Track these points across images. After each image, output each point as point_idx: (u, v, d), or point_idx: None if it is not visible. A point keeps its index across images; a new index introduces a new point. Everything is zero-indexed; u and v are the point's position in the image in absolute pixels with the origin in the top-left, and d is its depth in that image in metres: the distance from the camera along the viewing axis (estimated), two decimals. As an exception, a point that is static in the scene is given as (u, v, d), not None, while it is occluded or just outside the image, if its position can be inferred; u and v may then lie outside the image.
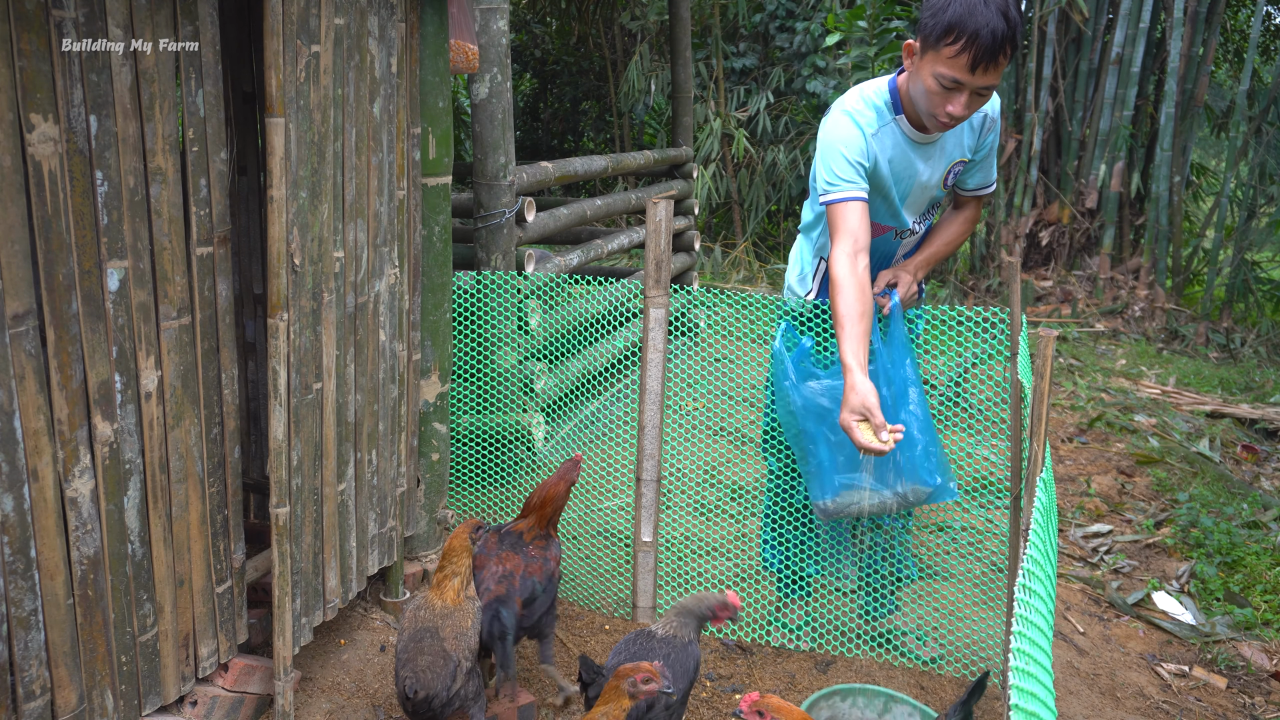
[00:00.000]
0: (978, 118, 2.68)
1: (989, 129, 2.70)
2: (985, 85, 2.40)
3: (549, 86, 12.92)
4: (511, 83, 4.09)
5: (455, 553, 2.48)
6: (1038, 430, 2.18)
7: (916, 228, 2.84)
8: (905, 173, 2.65)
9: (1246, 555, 3.88)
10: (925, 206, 2.81)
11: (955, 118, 2.47)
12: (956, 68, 2.38)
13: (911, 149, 2.62)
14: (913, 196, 2.74)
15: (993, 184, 2.84)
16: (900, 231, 2.80)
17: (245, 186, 2.93)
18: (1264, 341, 7.42)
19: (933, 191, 2.75)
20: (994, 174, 2.83)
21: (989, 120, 2.69)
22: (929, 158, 2.65)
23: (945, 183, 2.74)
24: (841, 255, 2.55)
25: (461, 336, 3.85)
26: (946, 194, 2.84)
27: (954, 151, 2.68)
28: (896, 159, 2.62)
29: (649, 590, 3.17)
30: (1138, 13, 7.89)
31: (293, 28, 2.21)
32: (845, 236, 2.55)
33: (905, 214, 2.76)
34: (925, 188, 2.71)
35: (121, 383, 1.98)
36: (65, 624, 1.92)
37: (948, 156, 2.68)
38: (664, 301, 3.05)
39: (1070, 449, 5.12)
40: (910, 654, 3.05)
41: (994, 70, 2.38)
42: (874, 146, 2.59)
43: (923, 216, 2.84)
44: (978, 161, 2.77)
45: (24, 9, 1.70)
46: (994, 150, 2.77)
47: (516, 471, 4.03)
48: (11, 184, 1.72)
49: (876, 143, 2.60)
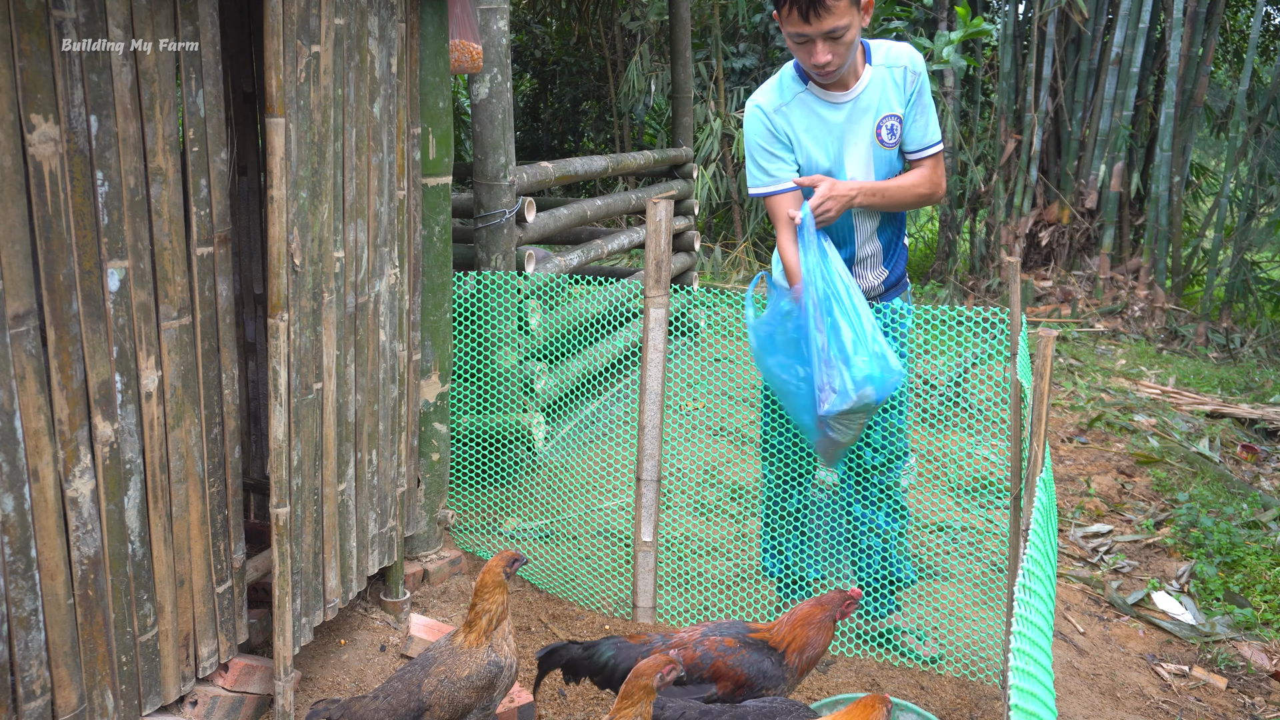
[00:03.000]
0: (899, 72, 2.76)
1: (913, 81, 2.77)
2: (829, 29, 2.53)
3: (549, 86, 12.92)
4: (511, 83, 4.09)
5: (487, 589, 2.25)
6: (1038, 430, 2.18)
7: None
8: (828, 135, 2.75)
9: (1246, 555, 3.88)
10: (872, 170, 2.80)
11: (823, 65, 2.59)
12: (794, 23, 2.56)
13: (827, 108, 2.73)
14: (850, 159, 2.77)
15: (937, 142, 2.86)
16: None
17: (245, 186, 2.93)
18: (1264, 341, 7.42)
19: (868, 149, 2.77)
20: (935, 132, 2.84)
21: (909, 73, 2.77)
22: (848, 114, 2.73)
23: (879, 138, 2.76)
24: (788, 243, 2.74)
25: (461, 336, 3.85)
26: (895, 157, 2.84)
27: (880, 105, 2.74)
28: (813, 125, 2.74)
29: (649, 590, 3.17)
30: (1137, 13, 7.89)
31: (293, 28, 2.21)
32: (785, 225, 2.76)
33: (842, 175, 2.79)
34: (858, 145, 2.76)
35: (122, 383, 1.98)
36: (65, 624, 1.92)
37: (874, 110, 2.74)
38: (664, 301, 3.05)
39: (1070, 449, 5.12)
40: (910, 653, 3.05)
41: (828, 15, 2.51)
42: (780, 122, 2.74)
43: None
44: (910, 115, 2.80)
45: (24, 9, 1.70)
46: (927, 106, 2.81)
47: (516, 471, 4.03)
48: (12, 184, 1.72)
49: (782, 117, 2.74)
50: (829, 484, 3.40)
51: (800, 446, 3.09)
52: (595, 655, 2.38)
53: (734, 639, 2.36)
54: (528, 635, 3.10)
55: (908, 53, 2.79)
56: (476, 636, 2.23)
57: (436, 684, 2.18)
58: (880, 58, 2.76)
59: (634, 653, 2.36)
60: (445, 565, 3.29)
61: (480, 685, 2.22)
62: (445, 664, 2.21)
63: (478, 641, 2.23)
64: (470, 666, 2.21)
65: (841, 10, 2.50)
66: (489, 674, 2.22)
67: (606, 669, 2.38)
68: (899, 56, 2.77)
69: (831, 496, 3.39)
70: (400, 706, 2.16)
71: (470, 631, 2.24)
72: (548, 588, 3.39)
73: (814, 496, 3.46)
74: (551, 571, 3.45)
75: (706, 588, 3.41)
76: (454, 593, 3.25)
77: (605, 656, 2.38)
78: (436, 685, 2.18)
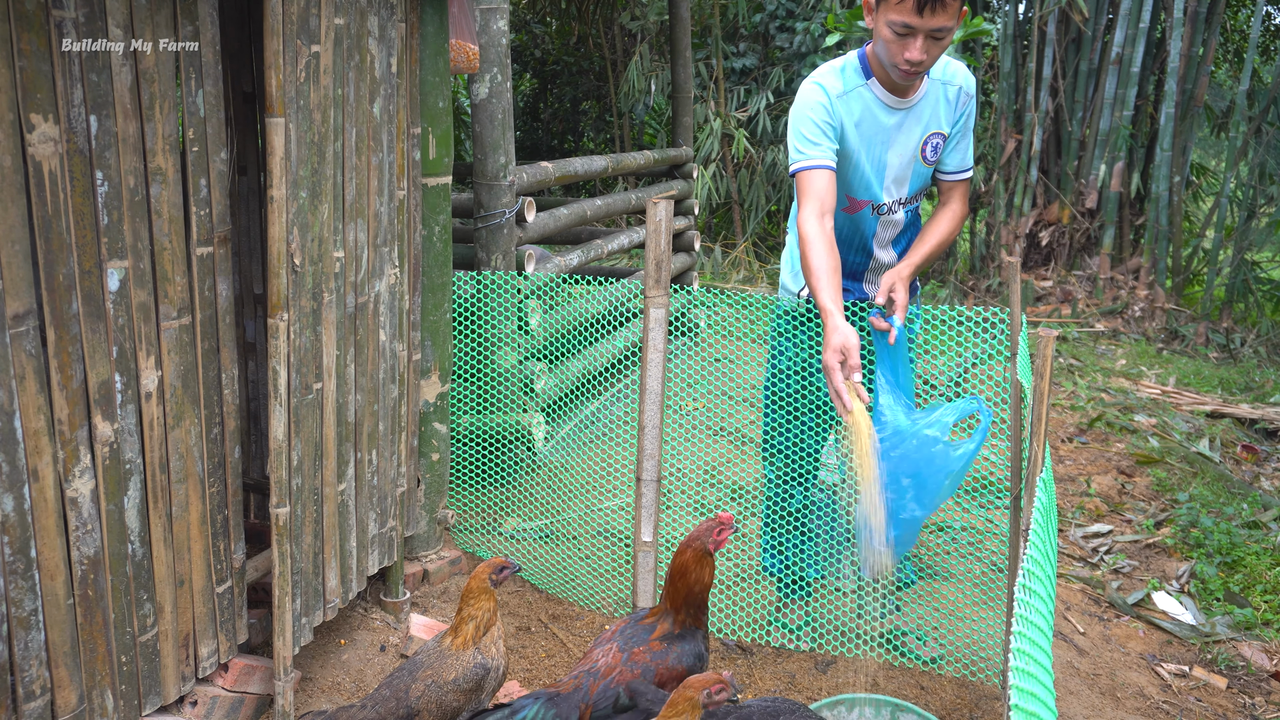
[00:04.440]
0: (953, 91, 2.71)
1: (964, 103, 2.73)
2: (937, 27, 2.44)
3: (549, 86, 12.92)
4: (511, 83, 4.09)
5: (473, 594, 2.27)
6: (1038, 430, 2.18)
7: (898, 208, 2.80)
8: (876, 136, 2.67)
9: (1246, 555, 3.88)
10: (907, 183, 2.76)
11: (914, 63, 2.50)
12: (905, 12, 2.44)
13: (883, 111, 2.65)
14: (890, 167, 2.72)
15: (969, 168, 2.84)
16: (878, 206, 2.77)
17: (245, 186, 2.93)
18: (1264, 341, 7.42)
19: (910, 162, 2.72)
20: (970, 158, 2.82)
21: (964, 94, 2.72)
22: (902, 123, 2.67)
23: (923, 154, 2.73)
24: (809, 216, 2.58)
25: (461, 336, 3.85)
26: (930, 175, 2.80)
27: (930, 121, 2.70)
28: (865, 122, 2.65)
29: (649, 590, 3.17)
30: (1138, 13, 7.89)
31: (293, 28, 2.21)
32: (811, 199, 2.59)
33: (882, 186, 2.74)
34: (901, 154, 2.71)
35: (122, 383, 1.98)
36: (65, 624, 1.92)
37: (924, 125, 2.69)
38: (664, 301, 3.05)
39: (1070, 449, 5.12)
40: (910, 654, 3.05)
41: (942, 11, 2.43)
42: (840, 109, 2.63)
43: (906, 199, 2.80)
44: (954, 137, 2.77)
45: (24, 9, 1.70)
46: (969, 130, 2.78)
47: (516, 471, 4.03)
48: (12, 184, 1.72)
49: (843, 105, 2.63)
50: (829, 484, 3.40)
51: (801, 446, 3.09)
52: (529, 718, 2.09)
53: (646, 637, 2.25)
54: (528, 635, 3.10)
55: (963, 72, 2.74)
56: (464, 640, 2.23)
57: (424, 689, 2.18)
58: (938, 72, 2.71)
59: (572, 701, 2.14)
60: (445, 565, 3.29)
61: (468, 688, 2.21)
62: (432, 668, 2.20)
63: (465, 645, 2.22)
64: (457, 669, 2.20)
65: (953, 11, 2.46)
66: (476, 676, 2.22)
67: None
68: (955, 75, 2.72)
69: (832, 497, 3.39)
70: (389, 715, 2.15)
71: (457, 635, 2.24)
72: (548, 588, 3.39)
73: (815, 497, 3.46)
74: (551, 571, 3.45)
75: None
76: (454, 593, 3.25)
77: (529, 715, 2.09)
78: (424, 690, 2.18)
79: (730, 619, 3.23)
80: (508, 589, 3.36)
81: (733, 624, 3.20)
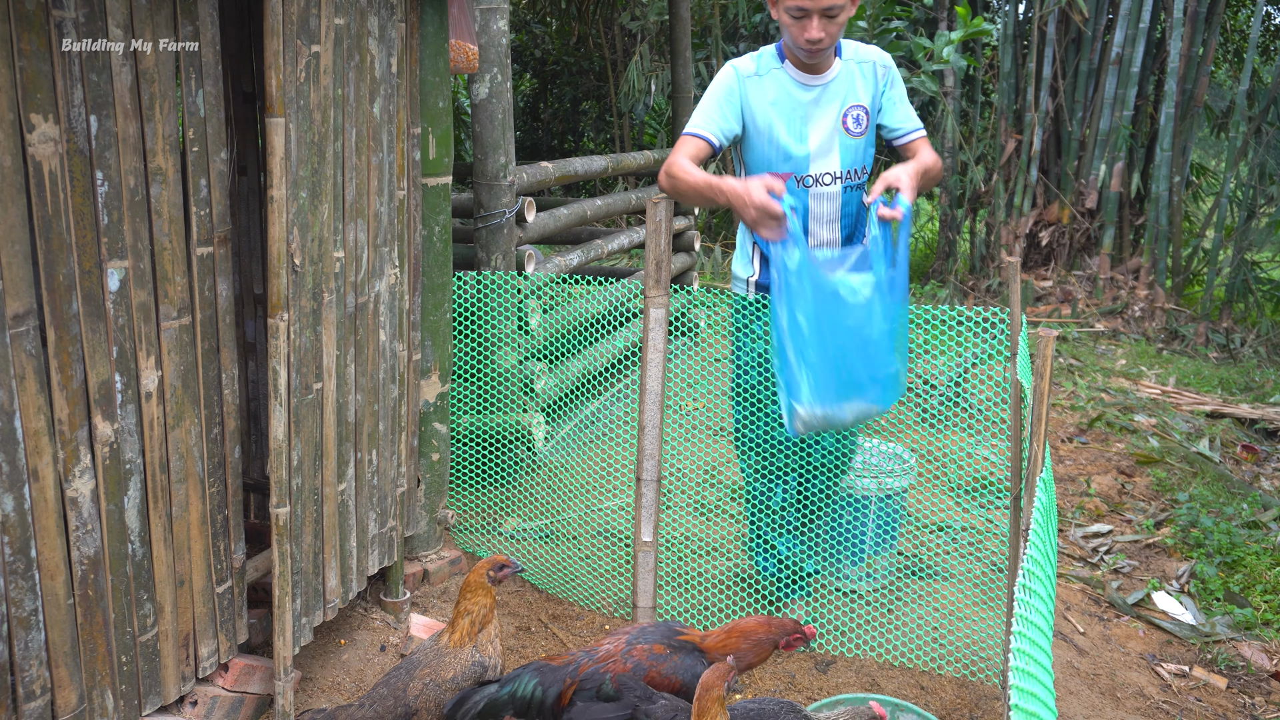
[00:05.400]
0: (867, 67, 2.92)
1: (883, 75, 2.94)
2: (828, 6, 2.68)
3: (549, 86, 12.91)
4: (511, 83, 4.09)
5: (471, 590, 2.28)
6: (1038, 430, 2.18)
7: (831, 181, 2.88)
8: (795, 111, 2.87)
9: (1246, 555, 3.88)
10: (835, 155, 2.87)
11: (814, 41, 2.72)
12: None
13: (799, 88, 2.87)
14: (812, 137, 2.86)
15: (919, 126, 3.00)
16: (802, 178, 2.88)
17: (245, 186, 2.93)
18: (1264, 341, 7.42)
19: (834, 133, 2.86)
20: (914, 116, 3.00)
21: (879, 67, 2.93)
22: (819, 99, 2.88)
23: (845, 125, 2.87)
24: (681, 158, 2.81)
25: (461, 336, 3.85)
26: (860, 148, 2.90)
27: (848, 95, 2.89)
28: (782, 99, 2.87)
29: (649, 590, 3.17)
30: (1138, 13, 7.89)
31: (293, 28, 2.21)
32: (683, 153, 2.83)
33: (806, 157, 2.87)
34: (822, 126, 2.87)
35: (122, 383, 1.98)
36: (65, 624, 1.92)
37: (842, 99, 2.88)
38: (664, 301, 3.05)
39: (1070, 449, 5.12)
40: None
41: None
42: (750, 88, 2.86)
43: (842, 174, 2.88)
44: (886, 109, 2.95)
45: (24, 9, 1.70)
46: (902, 96, 2.98)
47: (516, 471, 4.03)
48: (12, 184, 1.72)
49: (755, 85, 2.86)
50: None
51: (772, 439, 3.08)
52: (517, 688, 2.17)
53: (662, 645, 2.25)
54: (528, 635, 3.10)
55: (876, 51, 2.97)
56: (460, 637, 2.23)
57: (422, 687, 2.17)
58: (850, 54, 2.93)
59: (559, 675, 2.18)
60: (445, 565, 3.29)
61: (466, 686, 2.21)
62: (430, 666, 2.20)
63: (461, 642, 2.22)
64: (455, 668, 2.20)
65: None
66: (474, 674, 2.21)
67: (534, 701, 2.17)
68: (868, 54, 2.95)
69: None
70: (387, 714, 2.14)
71: (454, 632, 2.24)
72: (548, 588, 3.39)
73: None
74: (551, 571, 3.45)
75: (706, 588, 3.41)
76: (454, 593, 3.25)
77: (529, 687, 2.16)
78: (422, 689, 2.17)
79: (731, 619, 3.23)
80: (508, 589, 3.36)
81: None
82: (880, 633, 3.14)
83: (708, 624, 3.21)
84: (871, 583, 3.42)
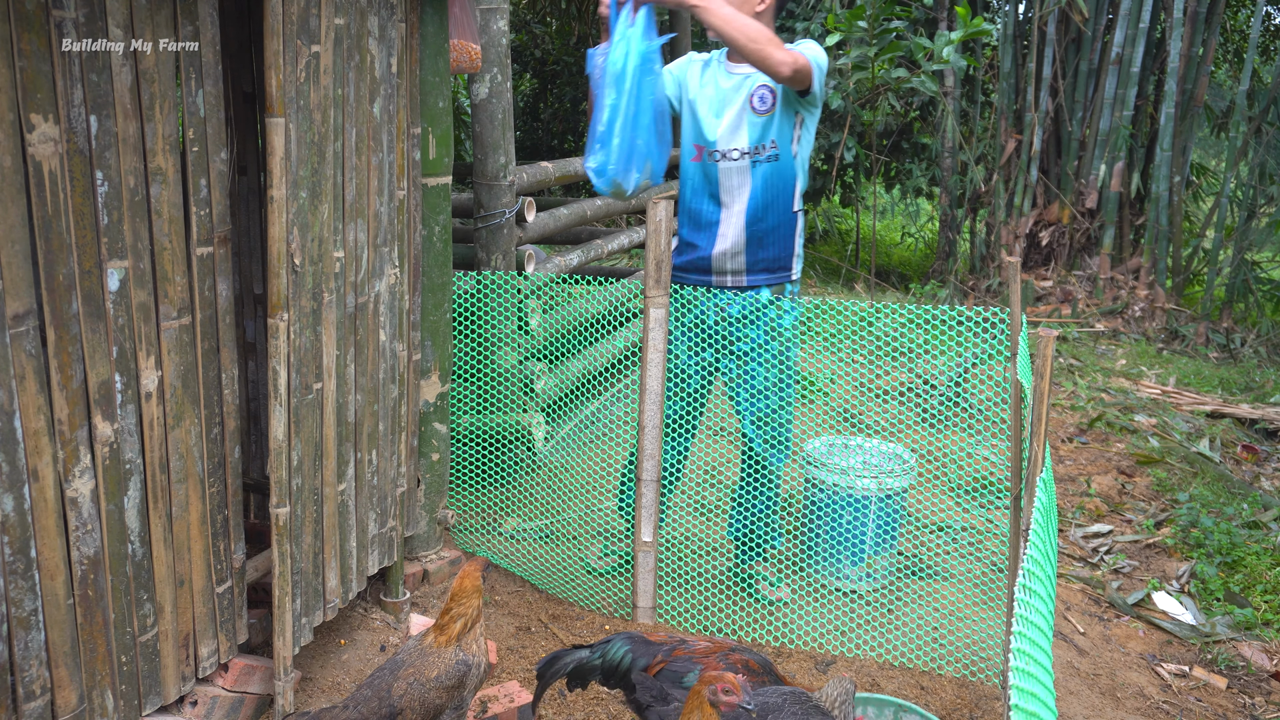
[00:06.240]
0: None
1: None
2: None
3: (549, 86, 12.92)
4: (511, 83, 4.09)
5: (465, 593, 2.27)
6: (1038, 430, 2.18)
7: (739, 156, 3.17)
8: (717, 95, 3.24)
9: (1246, 555, 3.88)
10: (743, 132, 3.16)
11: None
12: None
13: (724, 75, 3.25)
14: (724, 116, 3.18)
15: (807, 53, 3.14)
16: (712, 152, 3.19)
17: (245, 186, 2.93)
18: (1264, 341, 7.42)
19: (742, 111, 3.16)
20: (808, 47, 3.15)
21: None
22: (739, 85, 3.21)
23: (752, 104, 3.15)
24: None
25: (461, 336, 3.85)
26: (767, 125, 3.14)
27: (757, 77, 3.16)
28: (709, 83, 3.27)
29: (649, 590, 3.17)
30: (1138, 13, 7.89)
31: (293, 28, 2.21)
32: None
33: (716, 132, 3.19)
34: (733, 106, 3.18)
35: (121, 383, 1.98)
36: (65, 624, 1.92)
37: (752, 81, 3.18)
38: (664, 301, 3.05)
39: (1070, 449, 5.12)
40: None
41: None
42: (691, 69, 3.30)
43: (749, 150, 3.16)
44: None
45: (24, 9, 1.70)
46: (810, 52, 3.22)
47: (516, 471, 4.03)
48: (12, 184, 1.72)
49: (699, 67, 3.29)
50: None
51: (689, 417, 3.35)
52: (608, 652, 2.28)
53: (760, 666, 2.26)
54: (528, 635, 3.10)
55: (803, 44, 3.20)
56: (447, 638, 2.23)
57: (406, 687, 2.17)
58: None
59: (651, 650, 2.28)
60: (445, 565, 3.29)
61: (450, 685, 2.21)
62: (414, 665, 2.20)
63: (447, 643, 2.22)
64: (439, 667, 2.20)
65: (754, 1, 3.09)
66: (458, 673, 2.22)
67: (621, 668, 2.27)
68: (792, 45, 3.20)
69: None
70: (371, 715, 2.14)
71: (441, 633, 2.24)
72: (548, 588, 3.39)
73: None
74: (551, 571, 3.45)
75: (706, 588, 3.41)
76: (454, 593, 3.24)
77: (619, 652, 2.27)
78: (406, 689, 2.17)
79: (731, 619, 3.23)
80: (508, 589, 3.36)
81: (733, 624, 3.20)
82: (880, 633, 3.14)
83: (708, 624, 3.21)
84: (871, 583, 3.42)
